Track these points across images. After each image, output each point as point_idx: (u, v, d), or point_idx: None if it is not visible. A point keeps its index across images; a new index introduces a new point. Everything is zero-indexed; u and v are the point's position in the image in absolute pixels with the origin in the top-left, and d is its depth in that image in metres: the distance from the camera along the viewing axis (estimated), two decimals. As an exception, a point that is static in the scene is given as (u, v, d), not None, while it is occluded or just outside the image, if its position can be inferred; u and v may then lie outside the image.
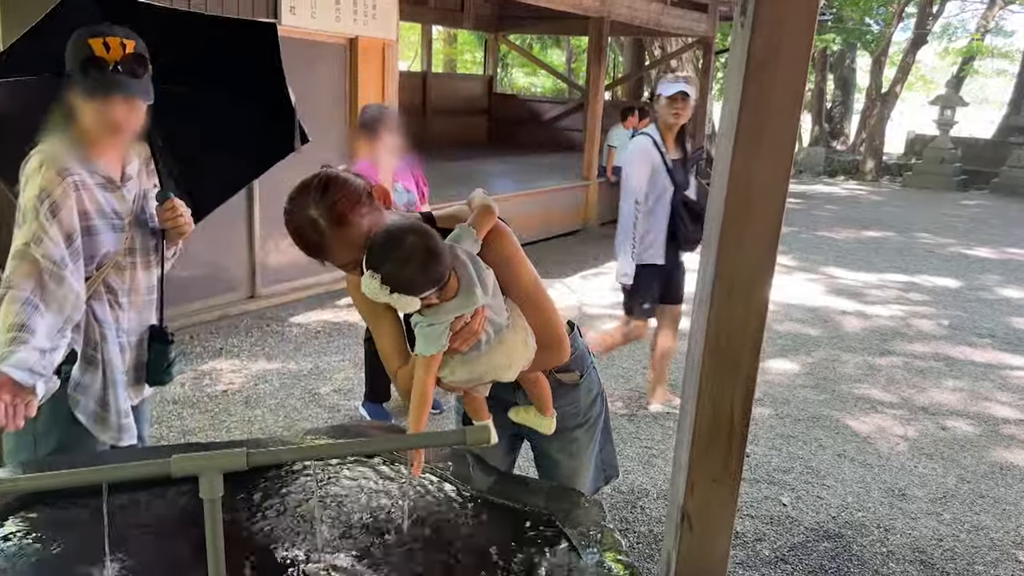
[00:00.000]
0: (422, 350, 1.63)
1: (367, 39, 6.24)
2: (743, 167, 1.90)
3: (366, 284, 1.53)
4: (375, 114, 3.90)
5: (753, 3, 1.82)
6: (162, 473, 1.25)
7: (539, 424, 2.00)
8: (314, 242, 1.60)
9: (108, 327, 2.06)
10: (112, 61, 1.90)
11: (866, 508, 3.48)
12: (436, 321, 1.60)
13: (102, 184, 2.04)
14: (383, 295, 1.52)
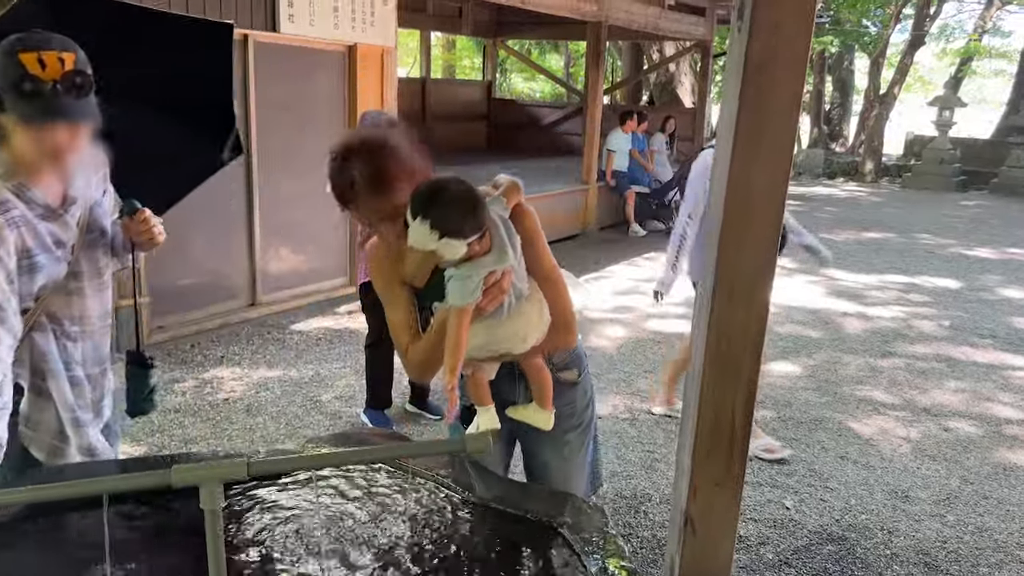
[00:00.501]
0: (458, 301, 1.68)
1: (366, 46, 6.25)
2: (742, 171, 1.90)
3: (415, 232, 1.60)
4: (374, 121, 3.90)
5: (750, 7, 1.82)
6: (163, 484, 1.25)
7: (538, 419, 2.01)
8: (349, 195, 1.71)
9: (53, 360, 1.90)
10: (50, 80, 1.67)
11: (869, 510, 3.48)
12: (472, 273, 1.67)
13: (42, 214, 1.85)
14: (432, 241, 1.60)
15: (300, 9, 5.65)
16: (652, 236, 10.27)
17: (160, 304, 5.20)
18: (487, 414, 1.94)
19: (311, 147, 6.06)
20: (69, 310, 1.96)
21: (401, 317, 1.89)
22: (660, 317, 6.40)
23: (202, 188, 5.41)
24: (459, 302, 1.68)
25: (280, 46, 5.68)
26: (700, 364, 2.07)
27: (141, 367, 2.18)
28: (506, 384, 2.01)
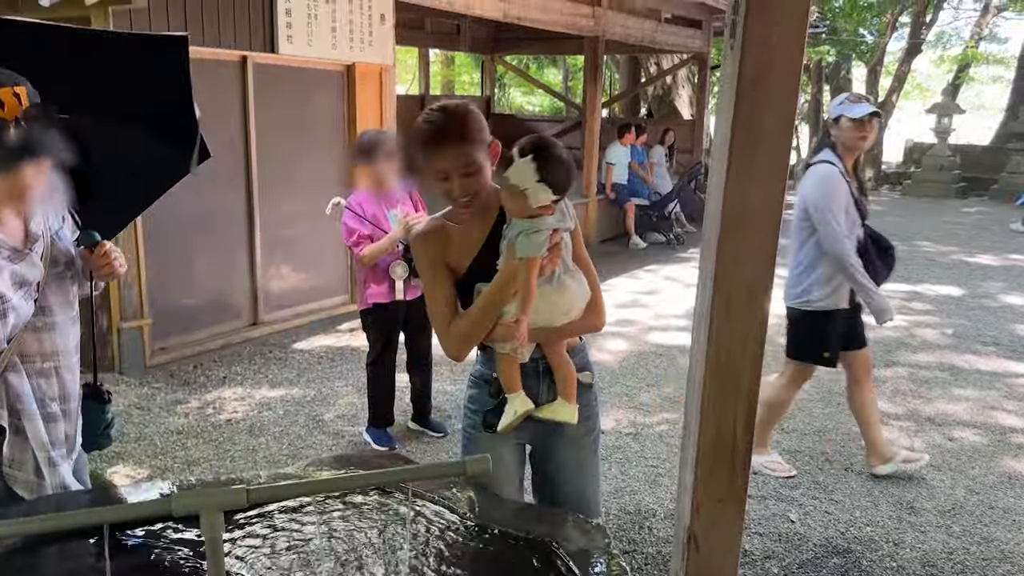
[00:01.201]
0: (530, 252, 1.91)
1: (364, 65, 6.28)
2: (738, 185, 1.91)
3: (520, 167, 1.87)
4: (371, 139, 3.92)
5: (742, 25, 1.83)
6: (163, 512, 1.25)
7: (564, 413, 2.12)
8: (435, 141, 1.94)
9: (28, 400, 1.89)
10: (11, 118, 1.64)
11: (875, 522, 3.46)
12: (540, 227, 1.91)
13: (9, 257, 1.83)
14: (531, 181, 1.86)
15: (298, 30, 5.69)
16: (653, 248, 10.28)
17: (162, 325, 5.22)
18: (519, 398, 2.09)
19: (311, 166, 6.10)
20: (41, 346, 1.94)
21: (443, 296, 2.07)
22: (662, 330, 6.41)
23: (203, 209, 5.47)
24: (532, 253, 1.91)
25: (279, 67, 5.72)
26: (700, 379, 2.06)
27: (98, 402, 2.15)
28: (531, 381, 2.14)
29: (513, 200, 1.94)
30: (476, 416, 2.21)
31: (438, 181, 2.01)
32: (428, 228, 2.13)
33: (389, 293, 3.91)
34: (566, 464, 2.26)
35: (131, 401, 4.56)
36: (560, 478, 2.27)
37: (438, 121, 1.97)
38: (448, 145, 1.94)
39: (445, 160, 1.96)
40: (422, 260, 2.11)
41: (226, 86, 5.46)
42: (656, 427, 4.45)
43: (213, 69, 5.33)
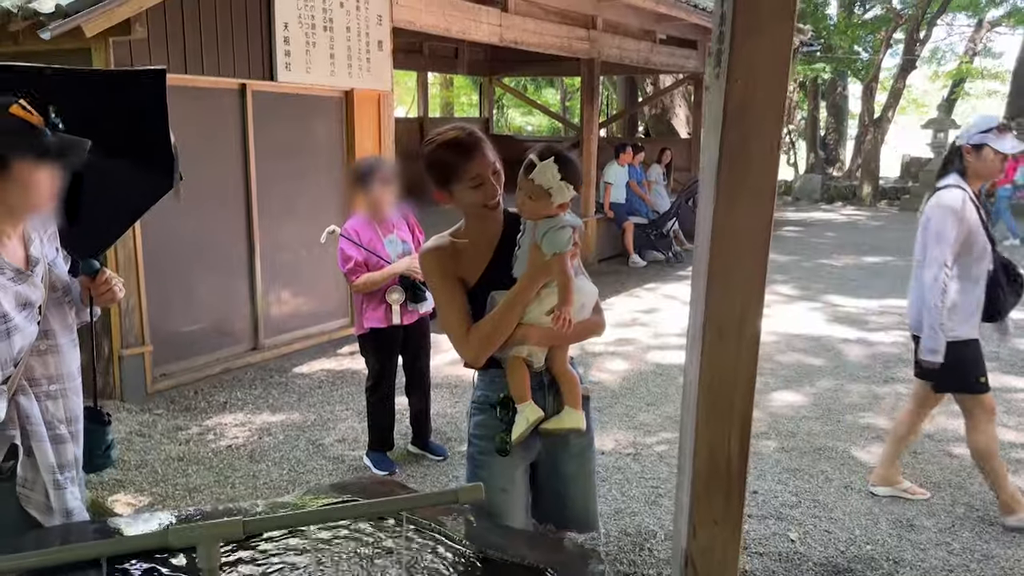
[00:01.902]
0: (559, 247, 2.11)
1: (362, 91, 6.35)
2: (726, 211, 1.94)
3: (544, 169, 2.08)
4: (368, 166, 3.97)
5: (727, 54, 1.87)
6: (160, 544, 1.27)
7: (572, 421, 2.23)
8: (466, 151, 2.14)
9: (37, 422, 1.94)
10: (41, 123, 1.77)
11: (875, 541, 3.46)
12: (562, 224, 2.13)
13: (13, 278, 1.89)
14: (554, 180, 2.08)
15: (297, 58, 5.76)
16: (652, 266, 10.32)
17: (163, 352, 5.24)
18: (530, 407, 2.19)
19: (310, 191, 6.15)
20: (46, 369, 2.00)
21: (459, 304, 2.20)
22: (661, 349, 6.42)
23: (203, 235, 5.51)
24: (562, 248, 2.11)
25: (278, 94, 5.79)
26: (694, 401, 2.09)
27: (98, 424, 2.21)
28: (537, 394, 2.23)
29: (536, 201, 2.13)
30: (486, 442, 2.26)
31: (472, 188, 2.17)
32: (437, 244, 2.26)
33: (386, 318, 3.94)
34: (571, 476, 2.35)
35: (132, 428, 4.58)
36: (566, 491, 2.36)
37: (455, 139, 2.16)
38: (476, 152, 2.15)
39: (479, 165, 2.14)
40: (435, 274, 2.23)
41: (226, 114, 5.53)
42: (656, 447, 4.45)
43: (213, 97, 5.40)
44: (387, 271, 3.84)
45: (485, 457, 2.29)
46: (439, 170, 2.18)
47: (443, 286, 2.22)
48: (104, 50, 4.66)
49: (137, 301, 5.00)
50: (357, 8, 6.20)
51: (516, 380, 2.22)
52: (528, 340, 2.20)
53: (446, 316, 2.24)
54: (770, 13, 1.83)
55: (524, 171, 2.14)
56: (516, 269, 2.20)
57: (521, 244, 2.20)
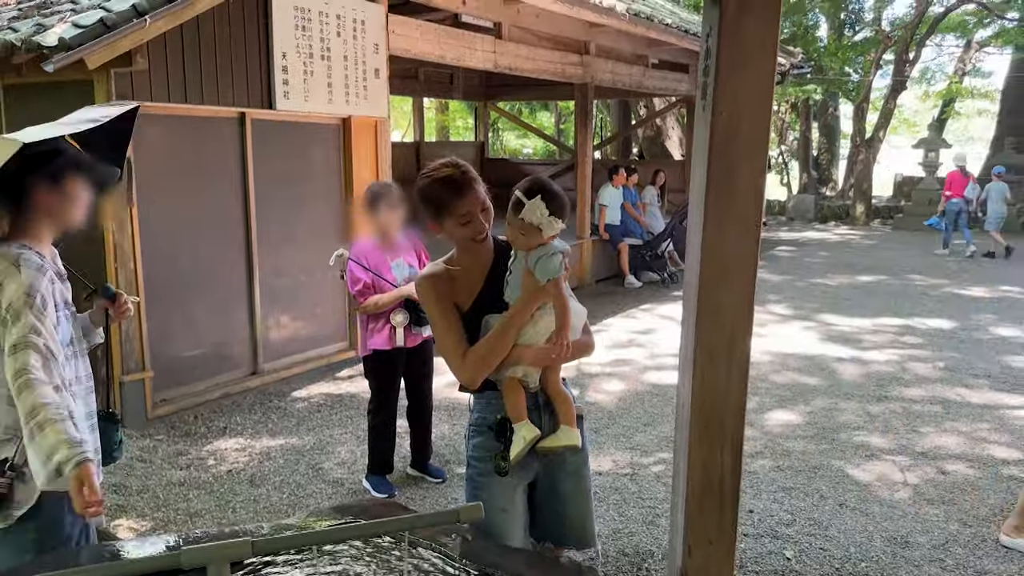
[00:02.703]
0: (553, 273, 2.20)
1: (359, 118, 6.45)
2: (715, 238, 2.02)
3: (532, 207, 2.16)
4: (377, 191, 4.03)
5: (712, 86, 1.95)
6: (172, 565, 1.32)
7: (568, 438, 2.31)
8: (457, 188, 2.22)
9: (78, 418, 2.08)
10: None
11: (869, 558, 3.51)
12: (553, 251, 2.21)
13: (57, 276, 2.16)
14: (542, 216, 2.17)
15: (295, 86, 5.86)
16: (647, 287, 10.39)
17: (163, 377, 5.28)
18: (526, 426, 2.27)
19: (309, 217, 6.22)
20: (76, 371, 2.19)
21: (454, 331, 2.28)
22: (657, 369, 6.48)
23: (203, 261, 5.59)
24: (554, 274, 2.20)
25: (276, 122, 5.88)
26: (686, 423, 2.15)
27: (111, 423, 2.43)
28: (532, 415, 2.31)
29: (528, 236, 2.22)
30: (484, 463, 2.33)
31: (461, 224, 2.25)
32: (433, 271, 2.35)
33: (390, 340, 4.00)
34: (569, 495, 2.42)
35: (133, 454, 4.61)
36: (564, 509, 2.43)
37: (447, 175, 2.24)
38: (467, 190, 2.23)
39: (469, 203, 2.23)
40: (430, 299, 2.31)
41: (225, 142, 5.61)
42: (653, 467, 4.50)
43: (213, 126, 5.49)
44: (393, 294, 3.91)
45: (484, 479, 2.35)
46: (431, 204, 2.27)
47: (439, 311, 2.31)
48: (106, 81, 4.74)
49: (137, 327, 5.05)
50: (354, 37, 6.31)
51: (512, 400, 2.30)
52: (523, 361, 2.28)
53: (442, 340, 2.31)
54: (753, 48, 1.91)
55: (513, 209, 2.22)
56: (508, 294, 2.29)
57: (512, 270, 2.29)
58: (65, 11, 4.86)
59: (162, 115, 5.11)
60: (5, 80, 5.12)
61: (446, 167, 2.27)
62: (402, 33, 6.75)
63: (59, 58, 4.29)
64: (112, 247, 4.87)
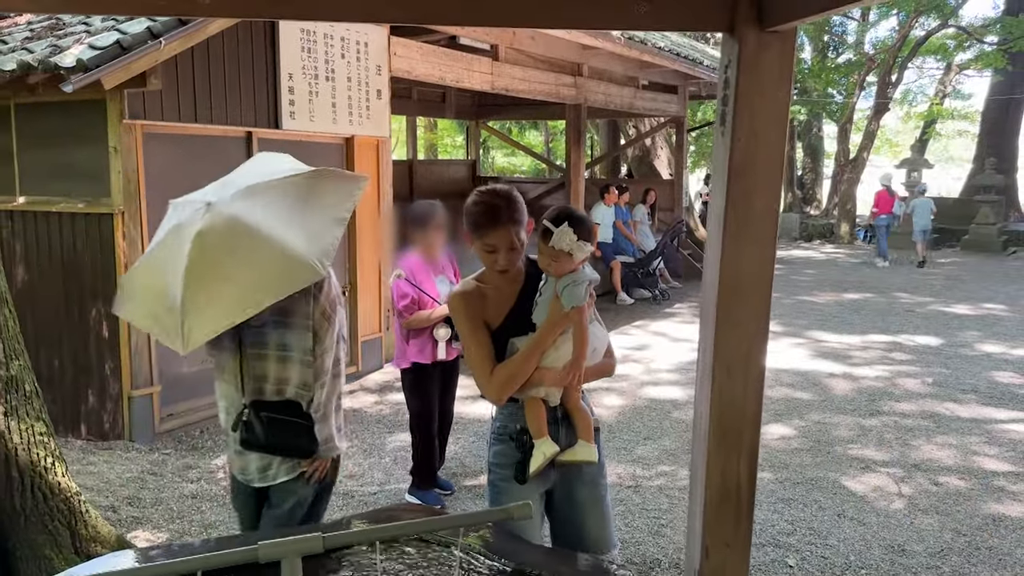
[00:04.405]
0: (577, 302, 2.28)
1: (362, 138, 6.58)
2: (732, 257, 2.15)
3: (561, 235, 2.25)
4: (425, 210, 4.12)
5: (731, 117, 2.09)
6: (250, 559, 1.43)
7: (585, 454, 2.40)
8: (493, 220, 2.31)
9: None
10: None
11: (868, 565, 3.63)
12: (579, 280, 2.31)
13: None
14: (571, 242, 2.27)
15: (300, 106, 5.98)
16: (639, 304, 10.53)
17: (169, 393, 5.34)
18: (546, 443, 2.35)
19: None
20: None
21: (484, 350, 2.36)
22: (654, 384, 6.60)
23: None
24: (579, 302, 2.29)
25: (282, 141, 5.98)
26: (705, 433, 2.27)
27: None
28: (551, 428, 2.39)
29: (559, 262, 2.30)
30: (505, 470, 2.42)
31: (486, 252, 2.35)
32: (465, 289, 2.44)
33: (432, 353, 4.09)
34: (585, 503, 2.51)
35: (143, 467, 4.66)
36: (581, 517, 2.52)
37: (492, 203, 2.32)
38: (501, 226, 2.30)
39: (497, 238, 2.31)
40: (462, 316, 2.39)
41: (233, 160, 5.66)
42: (655, 480, 4.61)
43: (220, 144, 5.59)
44: (439, 310, 4.01)
45: (505, 484, 2.45)
46: (469, 220, 2.37)
47: (469, 328, 2.39)
48: (119, 101, 4.84)
49: (146, 341, 5.12)
50: (357, 59, 6.45)
51: (533, 417, 2.39)
52: (544, 382, 2.37)
53: (471, 356, 2.40)
54: (770, 79, 2.05)
55: (542, 238, 2.32)
56: (536, 315, 2.37)
57: (543, 292, 2.38)
58: (79, 33, 4.96)
59: (172, 134, 5.21)
60: (17, 99, 5.21)
61: (497, 196, 2.35)
62: (403, 55, 6.90)
63: (77, 79, 4.39)
64: (123, 263, 4.95)
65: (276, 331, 2.52)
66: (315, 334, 2.52)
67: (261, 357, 2.55)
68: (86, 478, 4.32)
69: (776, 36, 2.03)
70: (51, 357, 5.28)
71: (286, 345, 2.53)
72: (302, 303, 2.49)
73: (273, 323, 2.52)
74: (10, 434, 3.09)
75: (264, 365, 2.55)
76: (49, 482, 3.21)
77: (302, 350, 2.52)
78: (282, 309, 2.46)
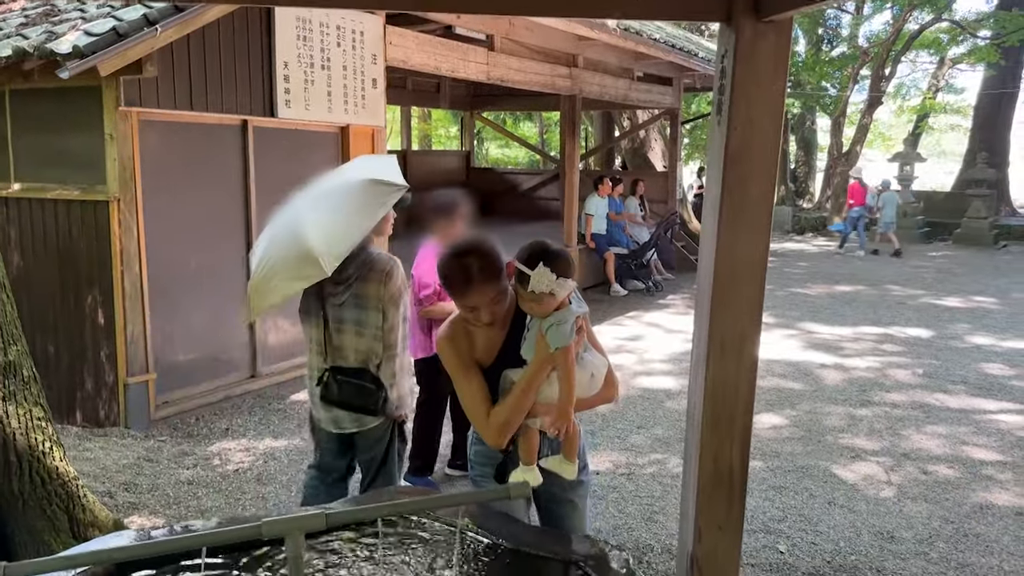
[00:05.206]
0: (562, 342, 2.15)
1: (358, 127, 6.58)
2: (727, 243, 2.18)
3: (539, 276, 2.09)
4: (451, 199, 4.09)
5: (727, 105, 2.12)
6: (254, 536, 1.45)
7: (567, 471, 2.34)
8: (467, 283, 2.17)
9: None
10: None
11: (858, 551, 3.68)
12: (566, 319, 2.17)
13: None
14: (551, 282, 2.11)
15: (296, 95, 5.98)
16: (633, 295, 10.57)
17: (164, 380, 5.36)
18: (532, 472, 2.27)
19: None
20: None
21: (478, 391, 2.26)
22: (647, 375, 6.64)
23: (204, 266, 5.68)
24: (565, 343, 2.15)
25: (278, 130, 5.99)
26: (699, 416, 2.30)
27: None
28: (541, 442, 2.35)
29: (540, 304, 2.16)
30: (486, 467, 2.45)
31: (467, 309, 2.22)
32: (453, 331, 2.31)
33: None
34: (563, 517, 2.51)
35: (139, 454, 4.68)
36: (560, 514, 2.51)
37: (464, 264, 2.17)
38: (476, 287, 2.17)
39: (475, 299, 2.19)
40: (452, 359, 2.29)
41: (228, 148, 5.71)
42: (648, 467, 4.65)
43: (216, 132, 5.59)
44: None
45: (485, 481, 2.48)
46: (443, 282, 2.26)
47: (462, 372, 2.29)
48: (115, 88, 4.84)
49: (142, 329, 5.13)
50: (353, 47, 6.45)
51: (527, 445, 2.32)
52: (540, 414, 2.28)
53: (465, 400, 2.30)
54: (766, 70, 2.08)
55: (519, 282, 2.17)
56: (524, 351, 2.26)
57: (530, 327, 2.26)
58: (75, 19, 4.95)
59: (168, 121, 5.21)
60: (12, 85, 5.19)
61: (468, 255, 2.20)
62: (399, 44, 6.89)
63: (73, 65, 4.39)
64: (119, 250, 4.95)
65: (354, 310, 3.05)
66: (384, 313, 3.03)
67: (340, 331, 3.08)
68: (82, 464, 4.33)
69: (772, 26, 2.06)
70: (46, 344, 5.29)
71: (361, 321, 3.05)
72: (374, 289, 3.02)
73: (352, 303, 3.04)
74: (8, 419, 3.11)
75: (342, 337, 3.08)
76: (47, 466, 3.23)
77: (374, 326, 3.04)
78: (360, 294, 3.03)
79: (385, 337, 3.06)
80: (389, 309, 3.04)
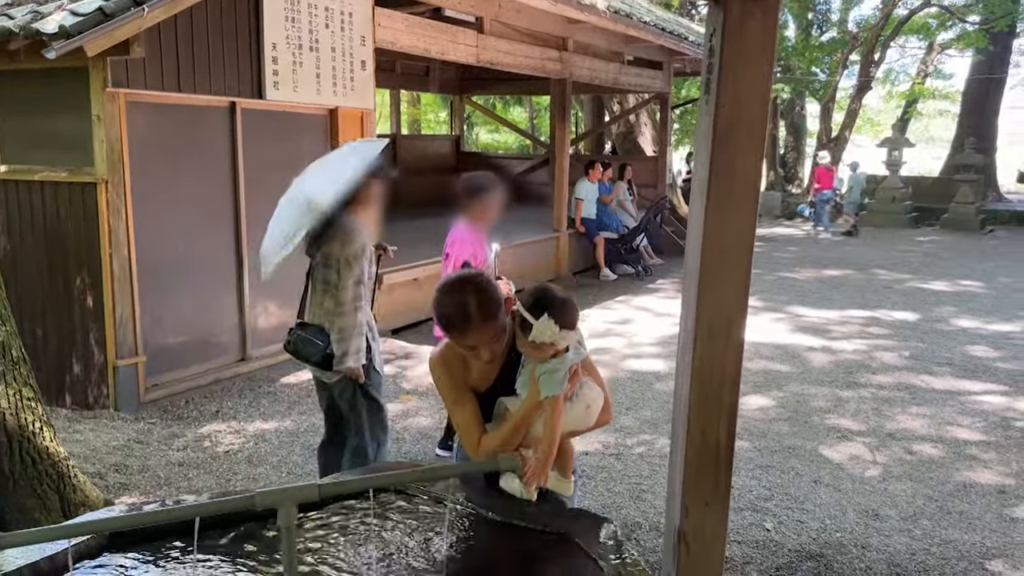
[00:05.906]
0: (554, 390, 2.10)
1: (346, 109, 6.55)
2: (715, 223, 2.20)
3: (541, 327, 2.03)
4: (483, 181, 4.15)
5: (715, 84, 2.13)
6: (247, 507, 1.47)
7: (562, 486, 2.34)
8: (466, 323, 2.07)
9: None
10: None
11: (843, 529, 3.74)
12: (559, 368, 2.11)
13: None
14: (554, 334, 2.04)
15: (284, 76, 5.95)
16: (622, 280, 10.61)
17: (154, 363, 5.35)
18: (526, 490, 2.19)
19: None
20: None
21: (471, 417, 2.22)
22: (636, 357, 6.68)
23: (194, 249, 5.67)
24: (555, 391, 2.10)
25: (266, 112, 5.96)
26: (686, 394, 2.33)
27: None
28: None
29: (541, 351, 2.10)
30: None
31: (466, 348, 2.14)
32: (447, 355, 2.25)
33: None
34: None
35: (129, 436, 4.69)
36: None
37: (461, 302, 2.07)
38: (474, 327, 2.07)
39: (474, 338, 2.10)
40: (446, 383, 2.23)
41: (215, 130, 5.68)
42: (637, 448, 4.70)
43: (203, 114, 5.56)
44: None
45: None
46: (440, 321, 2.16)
47: (454, 395, 2.24)
48: (102, 68, 4.80)
49: (131, 312, 5.12)
50: (341, 29, 6.41)
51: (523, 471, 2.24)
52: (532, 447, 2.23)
53: (457, 423, 2.26)
54: (753, 48, 2.09)
55: (521, 330, 2.10)
56: (519, 385, 2.21)
57: (524, 364, 2.21)
58: (60, -1, 4.90)
59: (155, 103, 5.18)
60: (-2, 66, 5.15)
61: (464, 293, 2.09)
62: (388, 26, 6.86)
63: (60, 45, 4.35)
64: (107, 233, 4.93)
65: (322, 269, 3.42)
66: (338, 272, 3.33)
67: (314, 289, 3.50)
68: (72, 446, 4.33)
69: (760, 5, 2.07)
70: (34, 327, 5.27)
71: (327, 280, 3.39)
72: (336, 249, 3.34)
73: (322, 263, 3.42)
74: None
75: (314, 295, 3.48)
76: (38, 446, 3.24)
77: (332, 284, 3.36)
78: (326, 253, 3.37)
79: (336, 295, 3.35)
80: (343, 269, 3.33)
